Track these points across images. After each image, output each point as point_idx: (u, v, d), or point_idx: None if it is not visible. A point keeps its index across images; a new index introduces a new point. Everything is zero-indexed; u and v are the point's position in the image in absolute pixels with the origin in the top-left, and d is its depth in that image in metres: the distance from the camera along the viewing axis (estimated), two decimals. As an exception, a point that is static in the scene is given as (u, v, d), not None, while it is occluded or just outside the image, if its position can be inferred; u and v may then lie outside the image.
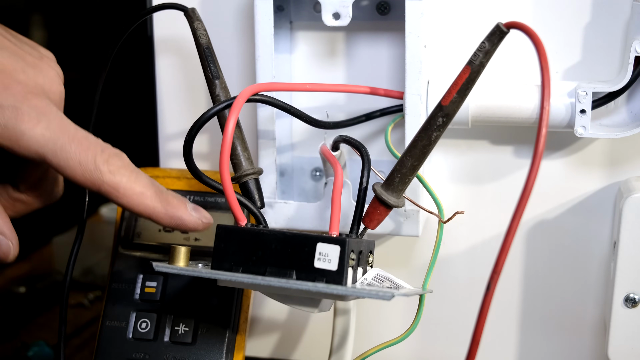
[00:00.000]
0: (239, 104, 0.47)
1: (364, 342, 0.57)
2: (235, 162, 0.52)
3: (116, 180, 0.45)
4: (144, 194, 0.46)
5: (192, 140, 0.48)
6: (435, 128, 0.45)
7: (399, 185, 0.47)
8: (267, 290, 0.48)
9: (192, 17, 0.54)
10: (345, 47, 0.59)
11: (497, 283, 0.37)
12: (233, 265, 0.46)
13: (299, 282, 0.44)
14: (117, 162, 0.46)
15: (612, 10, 0.55)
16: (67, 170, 0.45)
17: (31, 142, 0.44)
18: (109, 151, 0.46)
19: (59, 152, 0.44)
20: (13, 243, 0.46)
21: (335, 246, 0.44)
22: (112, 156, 0.46)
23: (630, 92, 0.54)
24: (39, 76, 0.46)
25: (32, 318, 0.78)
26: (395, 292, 0.44)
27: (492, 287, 0.38)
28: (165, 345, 0.54)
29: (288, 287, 0.44)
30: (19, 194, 0.49)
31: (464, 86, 0.43)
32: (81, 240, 0.55)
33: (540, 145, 0.37)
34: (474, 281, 0.61)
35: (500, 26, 0.41)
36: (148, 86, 0.64)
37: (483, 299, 0.38)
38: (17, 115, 0.43)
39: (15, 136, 0.43)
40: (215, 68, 0.53)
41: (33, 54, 0.47)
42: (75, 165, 0.44)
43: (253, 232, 0.46)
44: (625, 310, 0.55)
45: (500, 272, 0.37)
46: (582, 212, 0.59)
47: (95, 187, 0.45)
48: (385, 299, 0.42)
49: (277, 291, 0.47)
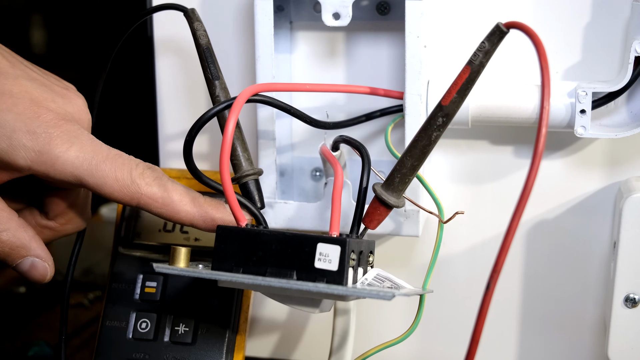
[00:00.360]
0: (239, 105, 0.47)
1: (364, 342, 0.57)
2: (235, 162, 0.52)
3: (153, 191, 0.47)
4: (181, 202, 0.48)
5: (192, 140, 0.48)
6: (435, 128, 0.45)
7: (399, 186, 0.47)
8: (267, 291, 0.48)
9: (192, 17, 0.54)
10: (345, 47, 0.59)
11: (497, 282, 0.38)
12: (233, 266, 0.46)
13: (300, 282, 0.44)
14: (152, 175, 0.48)
15: (612, 10, 0.55)
16: (105, 188, 0.46)
17: (66, 165, 0.45)
18: (142, 165, 0.48)
19: (95, 172, 0.46)
20: (49, 265, 0.49)
21: (336, 246, 0.44)
22: (146, 169, 0.48)
23: (630, 92, 0.54)
24: (68, 105, 0.48)
25: (32, 318, 0.78)
26: (396, 292, 0.44)
27: (492, 286, 0.38)
28: (165, 345, 0.54)
29: (288, 288, 0.44)
30: (47, 221, 0.51)
31: (464, 86, 0.43)
32: (82, 240, 0.55)
33: (540, 144, 0.37)
34: (474, 281, 0.61)
35: (500, 26, 0.41)
36: (148, 86, 0.64)
37: (483, 297, 0.38)
38: (50, 140, 0.45)
39: (50, 161, 0.45)
40: (215, 68, 0.53)
41: (60, 85, 0.49)
42: (113, 182, 0.46)
43: (253, 232, 0.46)
44: (625, 310, 0.55)
45: (500, 271, 0.37)
46: (582, 212, 0.59)
47: (134, 201, 0.47)
48: (386, 299, 0.42)
49: (277, 292, 0.47)
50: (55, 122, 0.46)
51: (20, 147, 0.45)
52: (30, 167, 0.45)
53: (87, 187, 0.46)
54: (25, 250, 0.47)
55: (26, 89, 0.47)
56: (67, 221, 0.51)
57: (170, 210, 0.48)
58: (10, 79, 0.47)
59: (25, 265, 0.48)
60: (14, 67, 0.48)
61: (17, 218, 0.47)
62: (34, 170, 0.45)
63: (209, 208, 0.49)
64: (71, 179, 0.46)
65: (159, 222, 0.57)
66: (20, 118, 0.45)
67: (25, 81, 0.47)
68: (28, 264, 0.48)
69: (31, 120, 0.45)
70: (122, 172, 0.47)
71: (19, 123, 0.45)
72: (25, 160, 0.45)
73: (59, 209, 0.50)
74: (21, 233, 0.47)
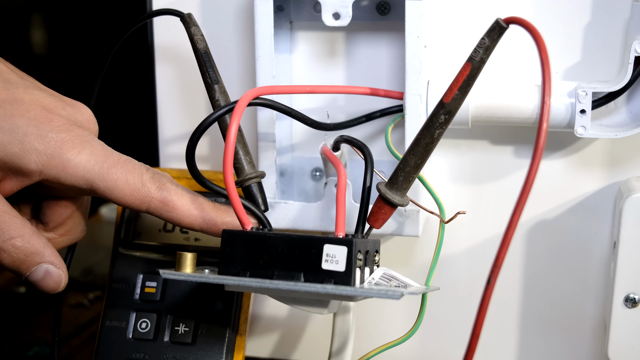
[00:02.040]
0: (240, 109, 0.47)
1: (366, 343, 0.57)
2: (238, 166, 0.51)
3: (164, 195, 0.48)
4: (190, 207, 0.48)
5: (195, 146, 0.48)
6: (437, 125, 0.45)
7: (403, 184, 0.47)
8: (275, 294, 0.48)
9: (189, 22, 0.54)
10: (345, 47, 0.59)
11: (497, 277, 0.38)
12: (240, 270, 0.46)
13: (307, 284, 0.44)
14: (161, 179, 0.48)
15: (612, 10, 0.55)
16: (116, 191, 0.47)
17: (78, 169, 0.46)
18: (152, 170, 0.48)
19: (106, 175, 0.46)
20: (63, 272, 0.49)
21: (343, 247, 0.44)
22: (156, 174, 0.48)
23: (630, 92, 0.54)
24: (78, 114, 0.49)
25: (32, 318, 0.78)
26: (404, 290, 0.44)
27: (492, 281, 0.38)
28: (165, 345, 0.54)
29: (297, 290, 0.44)
30: (46, 233, 0.51)
31: (465, 83, 0.43)
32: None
33: (542, 139, 0.37)
34: (475, 281, 0.61)
35: (500, 22, 0.41)
36: (148, 90, 0.64)
37: (483, 293, 0.38)
38: (61, 144, 0.46)
39: (61, 164, 0.45)
40: (213, 73, 0.53)
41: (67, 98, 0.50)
42: (124, 186, 0.47)
43: (259, 236, 0.46)
44: (625, 310, 0.55)
45: (500, 266, 0.38)
46: (582, 212, 0.59)
47: (145, 205, 0.48)
48: (394, 298, 0.42)
49: (285, 294, 0.47)
50: (67, 127, 0.46)
51: (32, 151, 0.45)
52: (42, 171, 0.45)
53: (98, 191, 0.47)
54: (40, 257, 0.47)
55: (37, 97, 0.47)
56: (66, 232, 0.51)
57: (180, 215, 0.48)
58: (20, 88, 0.47)
59: (39, 274, 0.47)
60: (23, 79, 0.48)
61: (30, 225, 0.47)
62: (45, 174, 0.46)
63: (217, 213, 0.49)
64: (82, 183, 0.46)
65: (159, 222, 0.57)
66: (32, 123, 0.45)
67: (35, 90, 0.48)
68: (42, 271, 0.47)
69: (43, 124, 0.46)
70: (134, 176, 0.47)
71: (31, 128, 0.45)
72: (37, 164, 0.45)
73: (59, 220, 0.50)
74: (35, 239, 0.47)
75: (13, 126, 0.45)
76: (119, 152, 0.48)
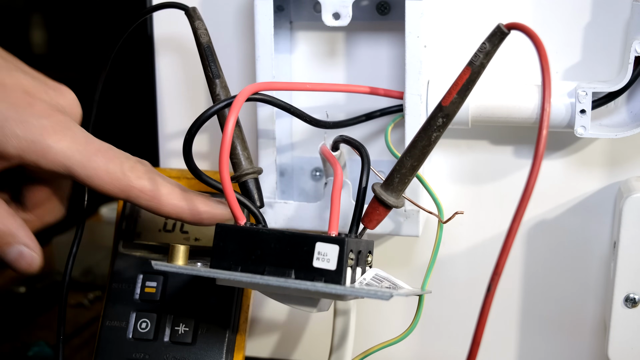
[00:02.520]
0: (238, 103, 0.47)
1: (364, 342, 0.56)
2: (235, 161, 0.52)
3: (143, 184, 0.47)
4: (169, 195, 0.48)
5: (192, 139, 0.48)
6: (435, 128, 0.45)
7: (398, 186, 0.47)
8: (265, 290, 0.48)
9: (193, 16, 0.54)
10: (345, 47, 0.59)
11: (497, 284, 0.37)
12: (232, 264, 0.46)
13: (298, 281, 0.44)
14: (142, 168, 0.48)
15: (612, 10, 0.55)
16: (95, 179, 0.46)
17: (58, 156, 0.45)
18: (133, 159, 0.48)
19: (86, 163, 0.46)
20: (37, 253, 0.48)
21: (334, 246, 0.44)
22: (136, 163, 0.48)
23: (630, 92, 0.54)
24: (60, 97, 0.49)
25: (32, 318, 0.78)
26: (394, 292, 0.44)
27: (492, 288, 0.37)
28: (165, 345, 0.54)
29: (287, 287, 0.44)
30: (24, 213, 0.51)
31: (464, 87, 0.43)
32: (80, 240, 0.55)
33: (541, 147, 0.37)
34: (474, 281, 0.61)
35: (501, 27, 0.41)
36: (148, 85, 0.64)
37: (484, 300, 0.38)
38: (42, 130, 0.45)
39: (42, 150, 0.45)
40: (215, 67, 0.53)
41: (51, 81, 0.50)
42: (103, 175, 0.46)
43: (252, 231, 0.46)
44: (625, 310, 0.55)
45: (501, 274, 0.37)
46: (582, 212, 0.59)
47: (124, 194, 0.47)
48: (383, 298, 0.42)
49: (275, 290, 0.47)
50: (48, 113, 0.46)
51: (12, 136, 0.45)
52: (21, 156, 0.45)
53: (77, 178, 0.46)
54: (12, 238, 0.47)
55: (19, 80, 0.47)
56: (44, 214, 0.51)
57: (158, 203, 0.48)
58: (3, 70, 0.47)
59: (13, 254, 0.47)
60: (7, 61, 0.48)
61: (5, 206, 0.47)
62: (24, 159, 0.45)
63: (196, 201, 0.49)
64: (61, 169, 0.46)
65: (159, 222, 0.57)
66: (13, 108, 0.45)
67: (18, 73, 0.47)
68: (15, 252, 0.47)
69: (24, 109, 0.45)
70: (114, 164, 0.47)
71: (11, 112, 0.45)
72: (16, 149, 0.45)
73: (37, 201, 0.50)
74: (9, 220, 0.47)
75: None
76: (101, 140, 0.48)
